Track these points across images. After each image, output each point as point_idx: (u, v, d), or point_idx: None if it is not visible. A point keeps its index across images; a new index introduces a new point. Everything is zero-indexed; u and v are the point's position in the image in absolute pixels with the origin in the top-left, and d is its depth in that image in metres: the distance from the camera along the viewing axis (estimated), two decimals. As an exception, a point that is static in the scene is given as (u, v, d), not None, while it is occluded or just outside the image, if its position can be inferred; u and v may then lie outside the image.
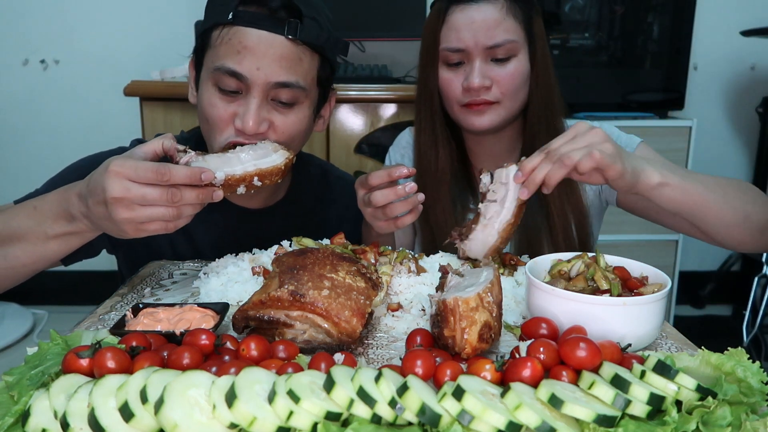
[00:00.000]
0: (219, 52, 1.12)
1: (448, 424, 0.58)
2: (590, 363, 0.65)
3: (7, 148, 3.08)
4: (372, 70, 2.54)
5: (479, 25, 1.25)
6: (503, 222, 1.07)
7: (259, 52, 1.09)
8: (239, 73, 1.09)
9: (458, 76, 1.30)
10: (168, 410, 0.57)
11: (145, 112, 2.35)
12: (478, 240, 1.10)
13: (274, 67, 1.10)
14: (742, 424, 0.59)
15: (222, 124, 1.13)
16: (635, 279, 0.89)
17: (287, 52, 1.11)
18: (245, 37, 1.10)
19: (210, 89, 1.14)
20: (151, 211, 0.90)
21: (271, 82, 1.10)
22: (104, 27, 2.99)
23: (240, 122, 1.11)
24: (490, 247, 1.10)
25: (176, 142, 0.98)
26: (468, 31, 1.26)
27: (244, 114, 1.10)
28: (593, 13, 2.75)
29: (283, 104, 1.14)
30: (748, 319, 2.66)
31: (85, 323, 0.93)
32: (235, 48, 1.10)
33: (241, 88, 1.11)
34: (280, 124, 1.14)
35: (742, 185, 1.17)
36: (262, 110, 1.12)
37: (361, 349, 0.85)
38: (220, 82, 1.11)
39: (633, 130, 1.40)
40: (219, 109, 1.13)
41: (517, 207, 1.06)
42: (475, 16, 1.25)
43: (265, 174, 1.04)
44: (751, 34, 2.66)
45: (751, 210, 1.12)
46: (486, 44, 1.25)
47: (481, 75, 1.26)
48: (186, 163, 0.96)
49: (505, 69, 1.28)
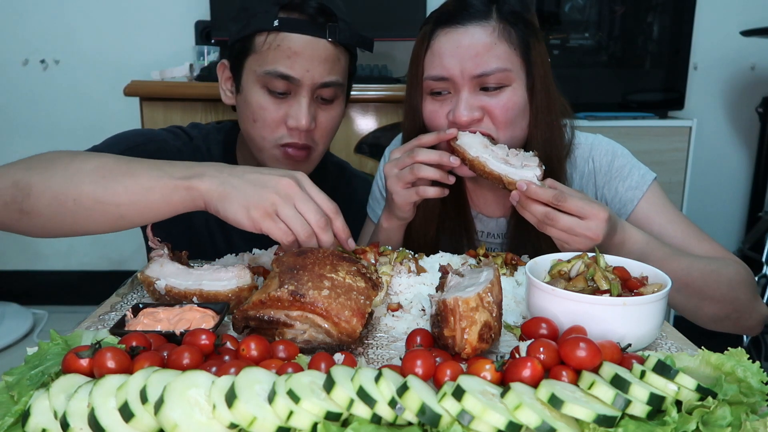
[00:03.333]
0: (267, 57, 1.20)
1: (448, 424, 0.58)
2: (590, 363, 0.65)
3: (7, 148, 3.08)
4: (372, 70, 2.54)
5: (465, 51, 1.10)
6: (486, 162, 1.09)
7: (307, 55, 1.20)
8: (292, 76, 1.20)
9: (444, 107, 1.16)
10: (168, 410, 0.57)
11: (145, 112, 2.35)
12: (471, 140, 1.11)
13: (320, 68, 1.21)
14: (742, 424, 0.59)
15: (274, 124, 1.24)
16: (635, 279, 0.89)
17: (329, 53, 1.22)
18: (293, 42, 1.19)
19: (258, 92, 1.23)
20: (290, 216, 0.93)
21: (318, 82, 1.21)
22: (104, 27, 2.99)
23: (294, 121, 1.22)
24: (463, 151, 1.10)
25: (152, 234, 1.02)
26: (453, 57, 1.11)
27: (297, 113, 1.22)
28: (593, 13, 2.74)
29: (325, 101, 1.26)
30: (748, 319, 2.65)
31: (85, 323, 0.93)
32: (285, 53, 1.19)
33: (290, 90, 1.22)
34: (323, 120, 1.27)
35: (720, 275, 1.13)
36: (311, 108, 1.23)
37: (361, 349, 0.85)
38: (270, 84, 1.21)
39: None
40: (271, 112, 1.23)
41: (498, 175, 1.09)
42: (462, 40, 1.11)
43: (207, 297, 0.93)
44: (751, 34, 2.66)
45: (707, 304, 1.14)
46: (473, 72, 1.11)
47: (469, 107, 1.12)
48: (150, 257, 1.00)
49: (498, 99, 1.13)
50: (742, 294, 1.15)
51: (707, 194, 3.24)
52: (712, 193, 3.27)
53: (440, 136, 1.12)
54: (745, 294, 1.15)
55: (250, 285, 0.95)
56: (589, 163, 1.29)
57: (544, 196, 1.01)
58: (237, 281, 0.95)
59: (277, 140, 1.25)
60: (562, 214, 1.01)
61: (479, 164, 1.10)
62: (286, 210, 0.91)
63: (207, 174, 0.95)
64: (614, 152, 1.28)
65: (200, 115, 2.34)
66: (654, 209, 1.24)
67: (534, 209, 1.03)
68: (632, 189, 1.25)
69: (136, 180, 0.94)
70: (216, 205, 0.93)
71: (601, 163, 1.28)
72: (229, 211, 0.92)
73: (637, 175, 1.26)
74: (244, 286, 0.94)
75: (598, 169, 1.28)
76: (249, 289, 0.95)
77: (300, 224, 0.92)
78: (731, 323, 1.18)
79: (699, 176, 3.03)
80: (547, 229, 1.03)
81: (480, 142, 1.11)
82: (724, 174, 3.28)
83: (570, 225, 1.00)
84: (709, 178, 3.22)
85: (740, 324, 1.18)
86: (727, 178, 3.29)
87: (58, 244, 3.20)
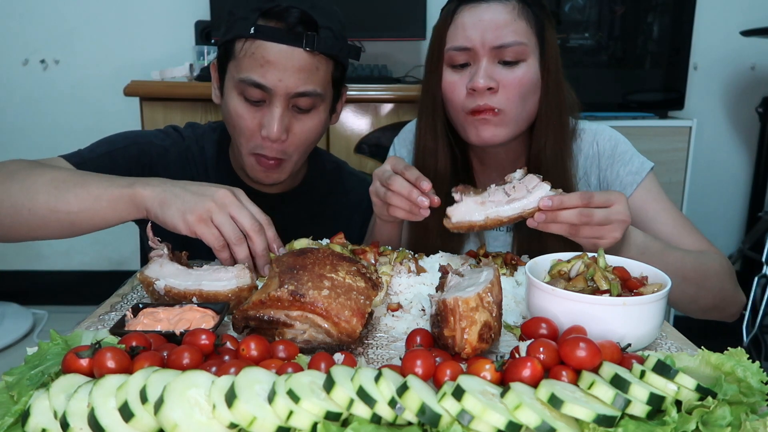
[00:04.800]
0: (243, 64, 1.21)
1: (448, 424, 0.58)
2: (590, 363, 0.65)
3: (7, 148, 3.08)
4: (372, 70, 2.54)
5: (488, 24, 1.18)
6: (497, 214, 1.04)
7: (280, 65, 1.19)
8: (263, 85, 1.19)
9: (463, 78, 1.22)
10: (168, 410, 0.57)
11: (145, 112, 2.35)
12: (464, 208, 1.05)
13: (294, 78, 1.20)
14: (741, 424, 0.59)
15: (249, 133, 1.25)
16: (635, 279, 0.89)
17: (305, 63, 1.20)
18: (267, 51, 1.19)
19: (235, 99, 1.24)
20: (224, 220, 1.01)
21: (291, 92, 1.21)
22: (104, 27, 2.99)
23: (265, 131, 1.22)
24: (469, 221, 1.04)
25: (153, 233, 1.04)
26: (475, 29, 1.19)
27: (269, 123, 1.22)
28: (593, 13, 2.74)
29: (302, 110, 1.25)
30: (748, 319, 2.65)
31: (85, 323, 0.93)
32: (258, 62, 1.19)
33: (265, 98, 1.22)
34: (297, 130, 1.26)
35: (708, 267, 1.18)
36: (284, 118, 1.23)
37: (361, 349, 0.85)
38: (245, 92, 1.22)
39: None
40: (246, 120, 1.24)
41: (518, 215, 1.03)
42: (483, 15, 1.19)
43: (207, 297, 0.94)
44: (751, 34, 2.66)
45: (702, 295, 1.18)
46: (493, 44, 1.18)
47: (487, 75, 1.18)
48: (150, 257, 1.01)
49: (513, 73, 1.20)
50: (727, 284, 1.22)
51: (707, 194, 3.24)
52: (712, 193, 3.27)
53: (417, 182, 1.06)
54: (729, 284, 1.22)
55: (250, 285, 0.95)
56: (593, 146, 1.35)
57: (572, 200, 1.00)
58: (237, 281, 0.95)
59: (251, 149, 1.27)
60: (594, 209, 1.01)
61: (494, 221, 1.04)
62: (220, 217, 1.00)
63: (151, 184, 1.04)
64: (617, 139, 1.36)
65: (200, 115, 2.34)
66: (650, 196, 1.30)
67: (565, 216, 1.00)
68: (632, 174, 1.31)
69: (86, 189, 1.05)
70: (156, 211, 1.02)
71: (605, 147, 1.35)
72: (167, 216, 1.01)
73: (638, 162, 1.32)
74: (244, 286, 0.95)
75: (602, 152, 1.35)
76: (249, 289, 0.95)
77: (231, 229, 1.00)
78: (718, 312, 1.25)
79: (699, 176, 3.03)
80: (581, 230, 1.01)
81: (472, 201, 1.06)
82: (724, 174, 3.28)
83: (605, 215, 1.00)
84: (709, 178, 3.22)
85: (725, 312, 1.25)
86: (727, 177, 3.29)
87: (58, 244, 3.19)
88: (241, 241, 1.01)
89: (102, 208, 1.04)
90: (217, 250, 1.01)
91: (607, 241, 1.02)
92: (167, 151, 1.38)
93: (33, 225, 1.07)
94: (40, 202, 1.05)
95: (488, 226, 1.04)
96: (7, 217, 1.07)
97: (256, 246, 1.01)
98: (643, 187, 1.30)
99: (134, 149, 1.33)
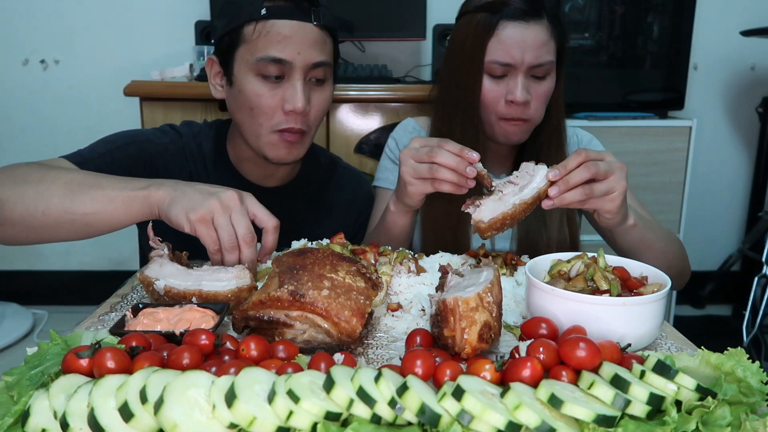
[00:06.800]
0: (258, 44, 1.25)
1: (447, 424, 0.58)
2: (590, 363, 0.65)
3: (7, 148, 3.08)
4: (372, 70, 2.54)
5: (530, 44, 1.29)
6: (520, 199, 1.05)
7: (297, 39, 1.25)
8: (284, 59, 1.24)
9: (501, 89, 1.33)
10: (168, 410, 0.57)
11: (145, 112, 2.35)
12: (487, 208, 1.06)
13: (310, 50, 1.26)
14: (741, 424, 0.59)
15: (271, 111, 1.28)
16: (635, 279, 0.89)
17: (316, 36, 1.27)
18: (282, 27, 1.24)
19: (253, 80, 1.27)
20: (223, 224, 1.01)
21: (309, 63, 1.26)
22: (104, 27, 2.99)
23: (290, 105, 1.26)
24: (500, 212, 1.05)
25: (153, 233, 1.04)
26: (518, 48, 1.29)
27: (293, 96, 1.25)
28: (593, 13, 2.75)
29: (318, 82, 1.30)
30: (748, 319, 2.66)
31: (85, 323, 0.93)
32: (276, 38, 1.24)
33: (283, 73, 1.26)
34: (316, 102, 1.31)
35: (671, 236, 1.37)
36: (306, 90, 1.27)
37: (361, 349, 0.85)
38: (263, 70, 1.25)
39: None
40: (266, 98, 1.27)
41: (536, 195, 1.04)
42: (526, 34, 1.29)
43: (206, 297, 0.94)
44: (751, 34, 2.66)
45: (672, 260, 1.31)
46: (532, 63, 1.30)
47: (524, 90, 1.31)
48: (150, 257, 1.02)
49: (541, 86, 1.34)
50: (684, 253, 1.39)
51: (707, 194, 3.24)
52: (712, 193, 3.27)
53: (462, 153, 1.09)
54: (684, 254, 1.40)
55: (250, 285, 0.95)
56: (574, 137, 1.55)
57: (574, 160, 1.05)
58: (236, 282, 0.95)
59: (274, 126, 1.29)
60: (595, 184, 1.05)
61: (521, 205, 1.04)
62: (220, 219, 1.00)
63: (165, 185, 1.06)
64: (593, 137, 1.57)
65: (200, 115, 2.34)
66: None
67: (575, 177, 1.04)
68: None
69: (101, 191, 1.06)
70: (165, 210, 1.03)
71: (582, 138, 1.55)
72: (172, 214, 1.01)
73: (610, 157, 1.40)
74: (244, 286, 0.95)
75: (580, 141, 1.54)
76: (248, 289, 0.95)
77: (227, 235, 1.00)
78: (677, 281, 1.34)
79: (699, 176, 3.03)
80: (595, 188, 1.06)
81: (490, 201, 1.07)
82: (724, 174, 3.28)
83: (606, 164, 1.06)
84: (709, 178, 3.22)
85: (681, 281, 1.40)
86: (727, 178, 3.29)
87: (59, 244, 3.17)
88: (234, 249, 1.00)
89: (116, 209, 1.05)
90: (211, 252, 1.01)
91: (618, 192, 1.07)
92: (166, 149, 1.39)
93: (47, 227, 1.08)
94: (54, 204, 1.06)
95: (517, 212, 1.05)
96: (20, 221, 1.08)
97: (243, 257, 1.01)
98: None
99: (133, 148, 1.34)
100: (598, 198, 1.06)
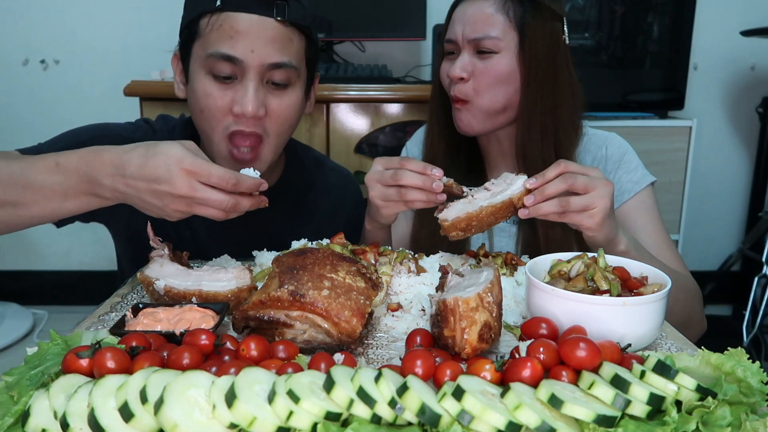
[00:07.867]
0: (210, 39, 1.13)
1: (448, 424, 0.58)
2: (590, 363, 0.65)
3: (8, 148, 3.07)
4: (372, 70, 2.54)
5: (468, 18, 1.28)
6: (489, 202, 1.04)
7: (252, 35, 1.11)
8: (234, 56, 1.11)
9: (447, 66, 1.33)
10: (168, 410, 0.57)
11: (145, 112, 2.35)
12: (456, 208, 1.06)
13: (268, 48, 1.12)
14: (742, 424, 0.59)
15: (219, 113, 1.15)
16: (635, 279, 0.89)
17: (278, 33, 1.13)
18: (236, 21, 1.11)
19: (203, 78, 1.15)
20: (205, 211, 0.93)
21: (265, 63, 1.12)
22: (104, 27, 2.99)
23: (239, 107, 1.13)
24: (465, 212, 1.04)
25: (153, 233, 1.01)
26: (459, 23, 1.29)
27: (243, 98, 1.12)
28: (593, 13, 2.75)
29: (278, 86, 1.16)
30: (748, 319, 2.66)
31: (85, 323, 0.93)
32: (227, 33, 1.11)
33: (236, 73, 1.13)
34: (275, 107, 1.17)
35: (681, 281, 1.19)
36: (259, 93, 1.13)
37: (361, 349, 0.85)
38: (214, 68, 1.13)
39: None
40: (215, 99, 1.14)
41: (508, 200, 1.03)
42: (467, 9, 1.29)
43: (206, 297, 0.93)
44: (751, 34, 2.66)
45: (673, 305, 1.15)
46: (470, 36, 1.27)
47: (461, 67, 1.28)
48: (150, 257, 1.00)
49: (485, 64, 1.28)
50: (697, 307, 1.28)
51: (707, 194, 3.24)
52: (712, 193, 3.27)
53: (426, 170, 1.08)
54: (698, 307, 1.28)
55: (250, 285, 0.95)
56: (602, 149, 1.41)
57: (553, 171, 1.03)
58: (236, 282, 0.95)
59: (224, 130, 1.16)
60: (573, 197, 1.03)
61: (488, 208, 1.04)
62: (196, 209, 0.93)
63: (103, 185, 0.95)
64: (627, 148, 1.42)
65: (200, 115, 2.34)
66: (643, 207, 1.34)
67: (552, 188, 1.02)
68: (633, 182, 1.35)
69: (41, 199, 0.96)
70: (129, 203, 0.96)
71: (613, 152, 1.40)
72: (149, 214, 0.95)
73: (641, 173, 1.37)
74: (244, 286, 0.95)
75: (609, 156, 1.39)
76: (248, 289, 0.95)
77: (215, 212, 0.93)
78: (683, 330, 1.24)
79: (699, 176, 3.03)
80: (571, 203, 1.03)
81: (459, 203, 1.07)
82: (724, 174, 3.28)
83: (586, 179, 1.03)
84: (709, 178, 3.22)
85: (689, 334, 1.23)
86: (727, 178, 3.29)
87: (58, 244, 3.20)
88: (235, 208, 0.94)
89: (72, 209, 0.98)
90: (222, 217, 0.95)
91: (599, 208, 1.02)
92: None
93: None
94: None
95: (484, 215, 1.04)
96: None
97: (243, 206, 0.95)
98: (639, 198, 1.34)
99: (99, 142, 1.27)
100: (576, 213, 1.03)
